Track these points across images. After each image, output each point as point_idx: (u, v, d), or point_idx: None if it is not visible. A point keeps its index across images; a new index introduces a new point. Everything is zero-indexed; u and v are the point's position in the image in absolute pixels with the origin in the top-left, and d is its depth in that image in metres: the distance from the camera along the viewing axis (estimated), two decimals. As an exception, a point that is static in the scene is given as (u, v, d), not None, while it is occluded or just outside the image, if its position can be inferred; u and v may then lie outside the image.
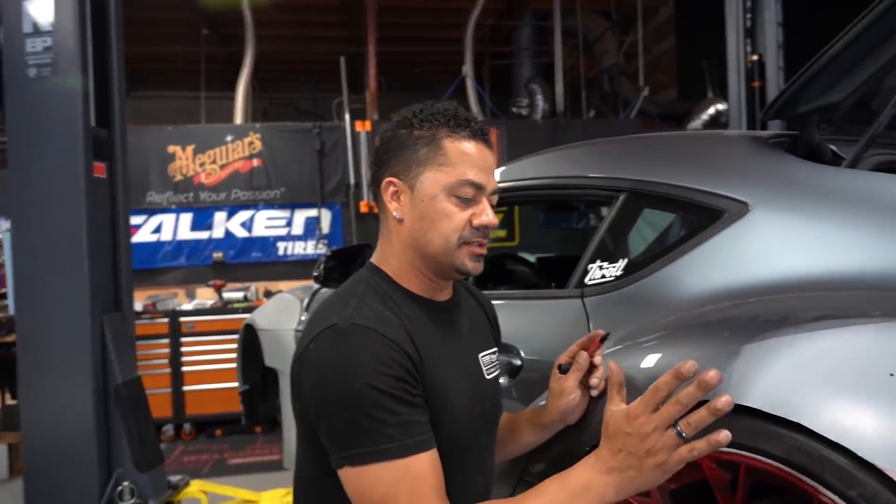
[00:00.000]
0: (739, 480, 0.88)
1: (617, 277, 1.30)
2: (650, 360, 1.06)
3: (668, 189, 1.28)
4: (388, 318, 0.95)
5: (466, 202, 0.99)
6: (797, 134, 1.31)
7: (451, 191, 0.99)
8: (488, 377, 1.11)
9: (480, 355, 1.12)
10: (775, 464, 0.82)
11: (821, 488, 0.78)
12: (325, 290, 2.69)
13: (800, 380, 0.82)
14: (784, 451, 0.81)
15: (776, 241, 1.08)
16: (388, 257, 1.06)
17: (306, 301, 2.78)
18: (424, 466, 0.89)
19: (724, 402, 0.77)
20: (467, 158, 0.99)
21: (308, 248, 6.18)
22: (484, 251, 1.03)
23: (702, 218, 1.20)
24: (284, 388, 2.84)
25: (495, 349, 1.18)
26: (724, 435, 0.77)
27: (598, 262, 1.35)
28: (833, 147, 1.30)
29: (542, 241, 5.53)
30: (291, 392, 1.01)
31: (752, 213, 1.13)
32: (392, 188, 1.03)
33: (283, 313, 2.92)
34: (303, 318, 2.69)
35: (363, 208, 6.20)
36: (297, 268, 6.10)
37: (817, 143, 1.27)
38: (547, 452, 1.20)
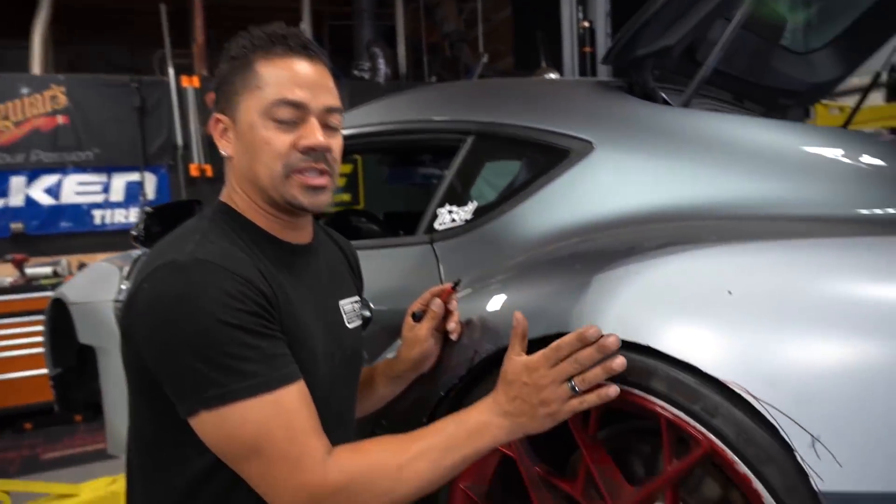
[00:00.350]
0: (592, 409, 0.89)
1: (467, 221, 1.27)
2: (500, 301, 1.04)
3: (516, 130, 1.27)
4: (236, 255, 0.85)
5: (288, 125, 0.89)
6: (632, 80, 1.36)
7: (267, 114, 0.89)
8: (350, 326, 1.05)
9: (341, 303, 1.05)
10: (626, 388, 0.83)
11: (668, 406, 0.80)
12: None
13: (648, 305, 0.84)
14: (634, 375, 0.82)
15: (619, 177, 1.11)
16: (233, 196, 0.96)
17: (126, 269, 2.47)
18: (295, 399, 0.81)
19: (618, 363, 0.81)
20: (282, 76, 0.89)
21: (130, 216, 5.58)
22: (321, 182, 0.92)
23: (549, 158, 1.20)
24: (104, 366, 2.52)
25: (357, 298, 1.11)
26: (614, 389, 0.82)
27: (448, 207, 1.31)
28: (662, 94, 1.36)
29: (388, 204, 5.49)
30: (122, 341, 0.87)
31: (597, 151, 1.14)
32: (220, 126, 0.94)
33: (98, 284, 2.58)
34: (123, 286, 2.39)
35: (194, 172, 5.71)
36: (117, 238, 5.48)
37: (651, 87, 1.31)
38: (401, 402, 1.15)
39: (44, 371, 3.75)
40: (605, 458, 0.90)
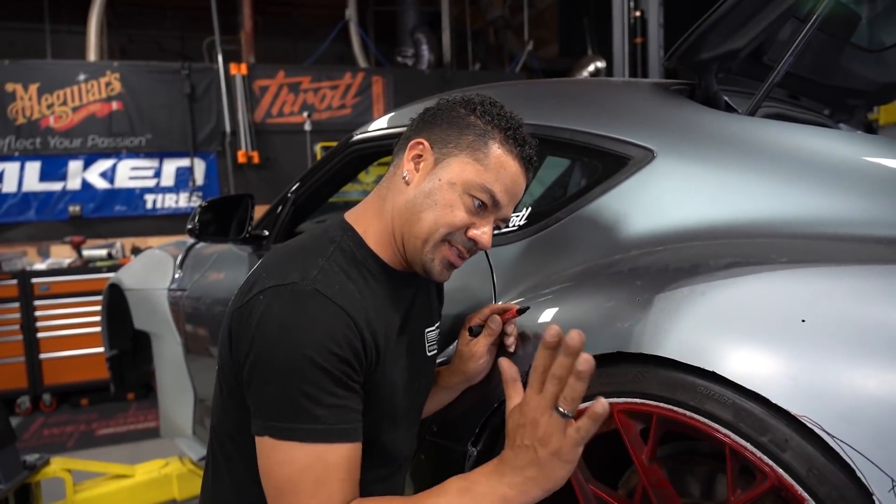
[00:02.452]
0: (651, 430, 0.87)
1: (520, 227, 1.25)
2: (556, 312, 1.03)
3: (572, 135, 1.24)
4: (351, 293, 0.87)
5: (476, 209, 0.94)
6: (694, 83, 1.31)
7: (470, 189, 0.93)
8: (429, 354, 1.07)
9: (426, 331, 1.07)
10: (688, 413, 0.81)
11: (732, 435, 0.77)
12: (201, 244, 2.47)
13: (714, 329, 0.81)
14: (697, 400, 0.80)
15: (682, 187, 1.07)
16: (371, 218, 0.98)
17: (180, 257, 2.54)
18: (341, 458, 0.82)
19: (582, 363, 0.72)
20: (503, 171, 0.94)
21: (180, 201, 5.73)
22: (459, 264, 0.97)
23: (607, 165, 1.17)
24: (157, 351, 2.61)
25: (438, 324, 1.13)
26: (601, 405, 0.72)
27: (501, 212, 1.29)
28: (726, 98, 1.30)
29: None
30: (223, 339, 0.91)
31: (658, 159, 1.11)
32: (419, 149, 0.96)
33: (153, 271, 2.66)
34: (177, 276, 2.46)
35: (241, 158, 5.82)
36: (168, 222, 5.65)
37: (714, 91, 1.27)
38: (452, 410, 1.15)
39: (99, 349, 3.90)
40: (663, 482, 0.88)
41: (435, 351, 1.10)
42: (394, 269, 0.98)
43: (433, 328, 1.09)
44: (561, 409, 0.75)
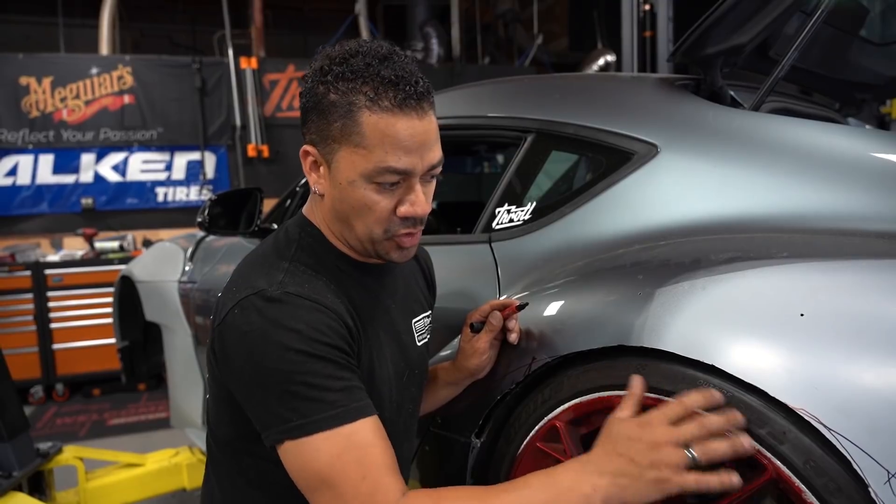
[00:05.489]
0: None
1: (525, 221, 1.26)
2: (559, 307, 1.04)
3: (578, 130, 1.25)
4: (321, 288, 0.86)
5: (391, 187, 0.85)
6: (700, 77, 1.31)
7: (370, 178, 0.84)
8: (419, 344, 1.06)
9: (414, 321, 1.06)
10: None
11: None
12: (211, 237, 2.49)
13: (714, 323, 0.82)
14: (698, 393, 0.81)
15: (685, 183, 1.08)
16: (323, 221, 0.94)
17: (190, 250, 2.56)
18: (369, 433, 0.81)
19: (747, 444, 0.74)
20: (388, 139, 0.81)
21: (191, 194, 5.76)
22: (414, 241, 0.92)
23: (611, 160, 1.18)
24: (168, 343, 2.64)
25: (428, 313, 1.12)
26: (737, 479, 0.73)
27: (506, 206, 1.30)
28: (731, 93, 1.31)
29: (438, 190, 5.48)
30: (210, 357, 0.90)
31: (662, 155, 1.11)
32: (310, 158, 0.89)
33: (163, 264, 2.68)
34: (187, 268, 2.48)
35: (251, 152, 5.84)
36: (179, 215, 5.69)
37: (720, 86, 1.27)
38: (457, 403, 1.17)
39: (111, 340, 3.95)
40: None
41: (426, 340, 1.09)
42: (358, 260, 0.95)
43: (421, 317, 1.08)
44: (693, 453, 0.74)
